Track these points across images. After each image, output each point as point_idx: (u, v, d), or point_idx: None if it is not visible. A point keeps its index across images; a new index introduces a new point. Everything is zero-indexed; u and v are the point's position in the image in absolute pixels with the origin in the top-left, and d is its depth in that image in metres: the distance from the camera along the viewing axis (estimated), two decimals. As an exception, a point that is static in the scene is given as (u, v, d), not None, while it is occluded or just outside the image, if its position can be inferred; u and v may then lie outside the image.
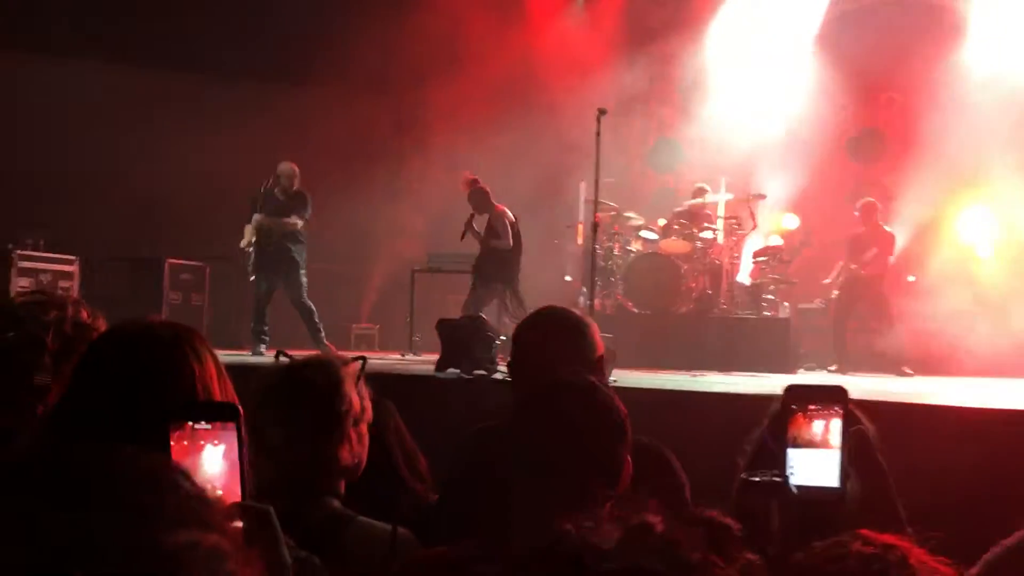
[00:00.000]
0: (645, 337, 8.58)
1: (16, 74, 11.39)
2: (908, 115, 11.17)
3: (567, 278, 11.40)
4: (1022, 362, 8.46)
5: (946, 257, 10.32)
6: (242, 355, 8.68)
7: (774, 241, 10.56)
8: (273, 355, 2.23)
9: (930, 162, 10.48)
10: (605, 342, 2.55)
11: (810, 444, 1.48)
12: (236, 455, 1.20)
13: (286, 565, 1.14)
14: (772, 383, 6.58)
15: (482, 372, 6.13)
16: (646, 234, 9.93)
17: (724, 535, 1.07)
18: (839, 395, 1.51)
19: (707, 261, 9.62)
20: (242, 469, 1.20)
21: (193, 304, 10.75)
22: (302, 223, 8.98)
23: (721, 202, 10.35)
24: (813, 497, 1.43)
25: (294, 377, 2.08)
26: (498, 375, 5.98)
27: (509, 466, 1.76)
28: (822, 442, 1.48)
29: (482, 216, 8.87)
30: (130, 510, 0.51)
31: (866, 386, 6.32)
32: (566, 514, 0.96)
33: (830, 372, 8.75)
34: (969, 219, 10.70)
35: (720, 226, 10.01)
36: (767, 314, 9.52)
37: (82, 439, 0.62)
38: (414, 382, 6.02)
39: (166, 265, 10.59)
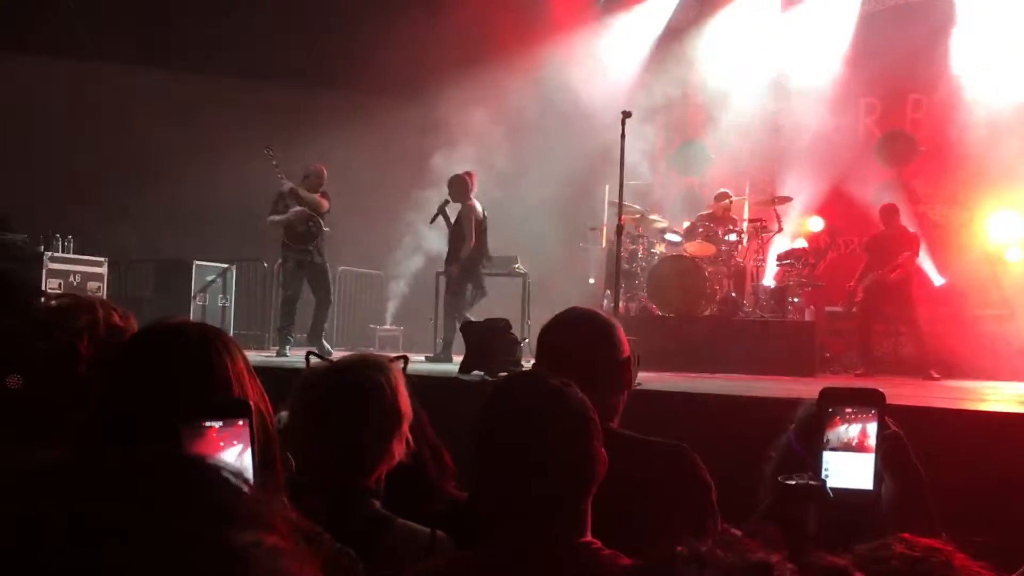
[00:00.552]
0: (669, 340, 8.55)
1: (45, 78, 11.54)
2: (936, 117, 11.07)
3: (591, 281, 11.38)
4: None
5: (974, 260, 10.21)
6: (266, 356, 8.74)
7: (799, 244, 10.50)
8: (301, 355, 2.24)
9: (958, 164, 10.39)
10: (630, 344, 2.54)
11: (845, 447, 1.47)
12: (248, 450, 1.21)
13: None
14: (796, 387, 6.55)
15: (506, 374, 6.13)
16: (670, 237, 9.90)
17: None
18: (876, 398, 1.49)
19: (732, 264, 9.58)
20: (254, 463, 1.21)
21: (219, 305, 10.85)
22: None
23: (746, 205, 10.30)
24: (847, 500, 1.42)
25: (353, 377, 2.05)
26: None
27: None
28: (858, 445, 1.47)
29: (455, 204, 8.86)
30: (200, 511, 0.53)
31: (892, 390, 6.25)
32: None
33: (857, 376, 8.67)
34: (998, 222, 10.58)
35: (745, 229, 9.96)
36: (792, 317, 9.47)
37: (124, 442, 0.63)
38: (438, 384, 6.03)
39: (193, 266, 10.69)
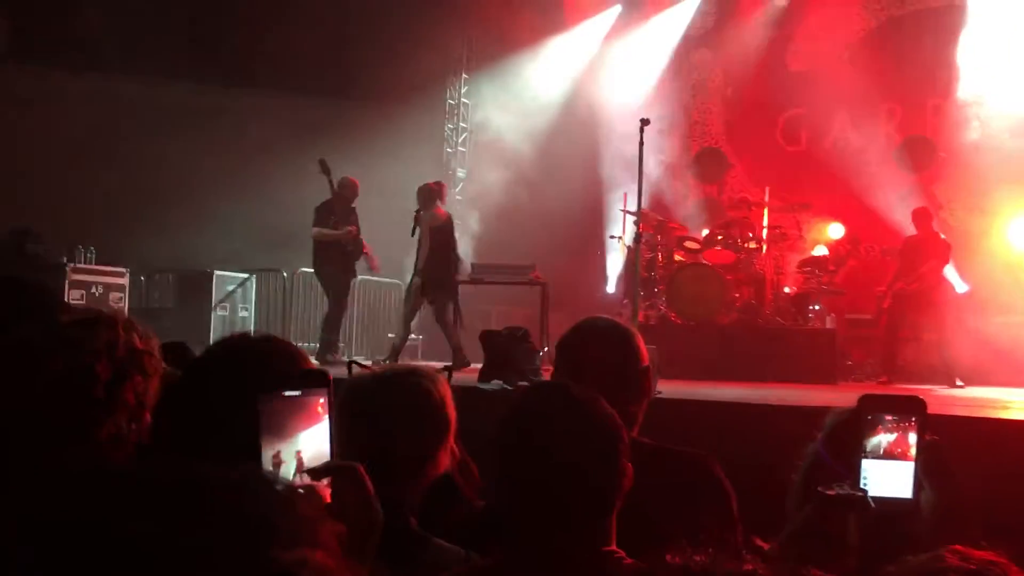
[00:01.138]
0: (689, 348, 8.52)
1: (67, 92, 11.67)
2: (956, 122, 10.98)
3: (610, 289, 11.36)
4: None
5: (996, 266, 10.11)
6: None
7: (819, 251, 10.43)
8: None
9: (979, 170, 10.30)
10: (649, 353, 2.53)
11: (885, 455, 1.45)
12: (327, 418, 1.25)
13: (378, 519, 1.17)
14: (818, 395, 6.50)
15: (525, 383, 6.12)
16: (689, 244, 9.86)
17: None
18: (917, 406, 1.47)
19: (751, 271, 9.53)
20: (331, 432, 1.24)
21: (239, 315, 10.90)
22: None
23: (765, 212, 10.25)
24: (886, 508, 1.40)
25: (405, 386, 2.03)
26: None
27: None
28: (897, 453, 1.45)
29: (427, 212, 8.85)
30: (249, 527, 0.53)
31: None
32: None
33: (880, 384, 8.59)
34: (1019, 227, 10.48)
35: (764, 236, 9.91)
36: (812, 325, 9.40)
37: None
38: (457, 393, 6.01)
39: (213, 277, 10.75)
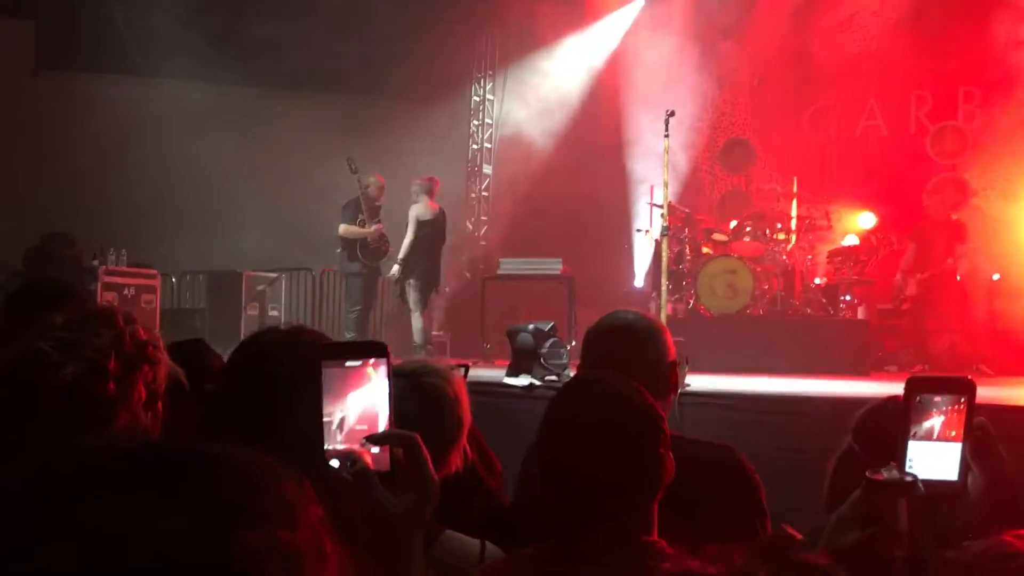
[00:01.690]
0: (718, 341, 8.47)
1: (95, 94, 11.80)
2: (988, 108, 10.83)
3: (638, 283, 11.32)
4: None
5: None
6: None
7: (850, 241, 10.32)
8: None
9: (1012, 156, 10.15)
10: (677, 346, 2.52)
11: (932, 437, 1.43)
12: (385, 389, 1.28)
13: (434, 489, 1.21)
14: (850, 387, 6.45)
15: (553, 378, 6.13)
16: (717, 236, 9.80)
17: None
18: (965, 387, 1.45)
19: (780, 263, 9.46)
20: (390, 401, 1.28)
21: (269, 315, 10.99)
22: None
23: (794, 202, 10.15)
24: (933, 492, 1.39)
25: (415, 383, 2.03)
26: (570, 381, 5.96)
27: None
28: (945, 435, 1.43)
29: (417, 205, 9.36)
30: (216, 506, 0.52)
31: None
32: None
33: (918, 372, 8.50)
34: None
35: (793, 227, 9.83)
36: (844, 316, 9.31)
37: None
38: (485, 389, 6.04)
39: (243, 277, 10.84)
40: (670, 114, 7.13)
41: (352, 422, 1.28)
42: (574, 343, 7.99)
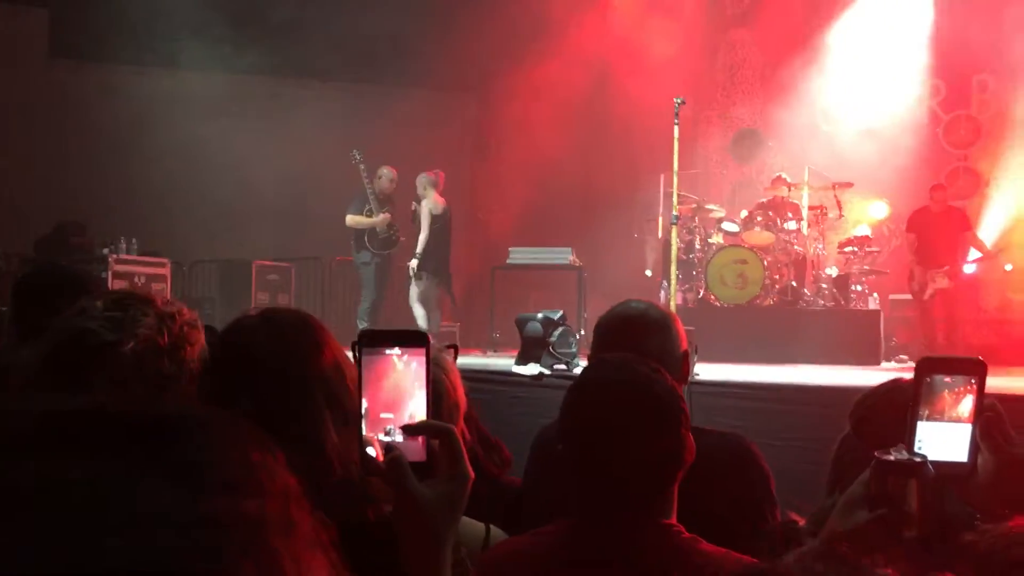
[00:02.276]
0: (729, 331, 8.46)
1: (106, 84, 11.81)
2: (1002, 98, 10.76)
3: (648, 272, 11.30)
4: None
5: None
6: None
7: (862, 230, 10.27)
8: None
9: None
10: (688, 336, 2.51)
11: (942, 417, 1.42)
12: (424, 379, 1.27)
13: (467, 479, 1.21)
14: (861, 376, 6.43)
15: (562, 367, 6.12)
16: (728, 226, 9.76)
17: None
18: (976, 367, 1.44)
19: (791, 252, 9.42)
20: (428, 392, 1.28)
21: (280, 304, 11.00)
22: None
23: (805, 191, 10.11)
24: (941, 471, 1.38)
25: None
26: (579, 370, 5.95)
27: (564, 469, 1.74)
28: (955, 416, 1.42)
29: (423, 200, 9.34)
30: (177, 470, 0.50)
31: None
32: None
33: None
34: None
35: (804, 216, 9.78)
36: (856, 306, 9.28)
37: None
38: (494, 378, 6.04)
39: (253, 267, 10.86)
40: (680, 102, 7.09)
41: (383, 410, 1.28)
42: (583, 332, 7.98)
